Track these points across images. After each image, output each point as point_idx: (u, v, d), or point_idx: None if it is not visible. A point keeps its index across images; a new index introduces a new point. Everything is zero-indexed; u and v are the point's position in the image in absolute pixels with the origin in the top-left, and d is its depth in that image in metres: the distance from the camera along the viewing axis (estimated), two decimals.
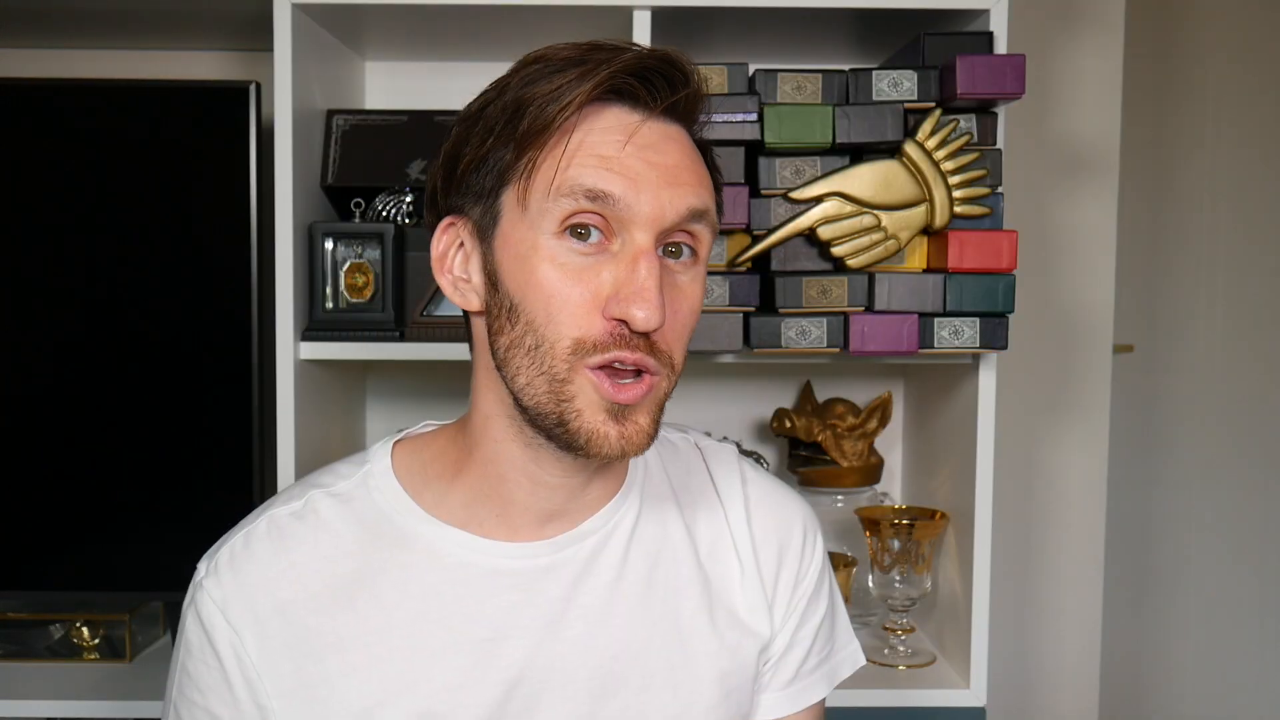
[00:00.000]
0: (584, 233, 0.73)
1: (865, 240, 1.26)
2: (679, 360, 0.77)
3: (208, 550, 0.82)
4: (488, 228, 0.76)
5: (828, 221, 1.25)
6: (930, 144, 1.25)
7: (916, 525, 1.44)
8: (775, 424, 1.60)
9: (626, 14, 1.34)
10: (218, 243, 1.40)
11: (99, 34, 1.57)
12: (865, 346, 1.27)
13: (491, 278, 0.76)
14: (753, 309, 1.30)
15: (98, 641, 1.48)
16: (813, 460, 1.59)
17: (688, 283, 0.77)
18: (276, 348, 1.33)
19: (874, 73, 1.27)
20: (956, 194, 1.25)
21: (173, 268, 1.41)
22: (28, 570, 1.43)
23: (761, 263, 1.29)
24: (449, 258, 0.80)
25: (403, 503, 0.82)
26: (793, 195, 1.26)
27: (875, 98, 1.27)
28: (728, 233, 1.29)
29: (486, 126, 0.75)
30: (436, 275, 0.80)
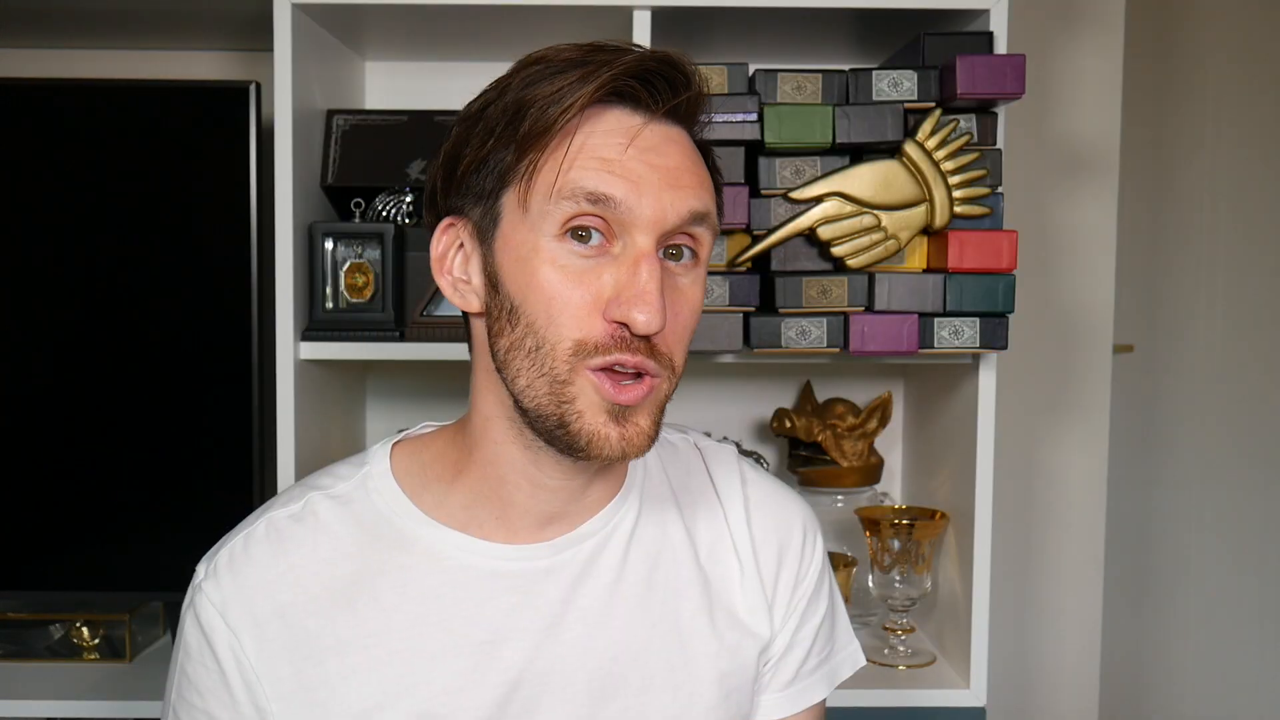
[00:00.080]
0: (585, 235, 0.73)
1: (865, 240, 1.26)
2: (679, 362, 0.77)
3: (207, 552, 0.82)
4: (488, 229, 0.76)
5: (828, 221, 1.25)
6: (930, 144, 1.25)
7: (916, 525, 1.44)
8: (775, 424, 1.60)
9: (626, 14, 1.34)
10: (218, 243, 1.40)
11: (99, 34, 1.57)
12: (865, 346, 1.27)
13: (492, 279, 0.76)
14: (753, 309, 1.30)
15: (98, 641, 1.48)
16: (813, 460, 1.59)
17: (688, 285, 0.77)
18: (276, 348, 1.33)
19: (874, 73, 1.27)
20: (956, 194, 1.25)
21: (173, 268, 1.41)
22: (28, 570, 1.44)
23: (761, 263, 1.29)
24: (448, 258, 0.80)
25: (402, 505, 0.82)
26: (793, 195, 1.26)
27: (875, 98, 1.27)
28: (728, 233, 1.29)
29: (487, 127, 0.75)
30: (436, 276, 0.80)
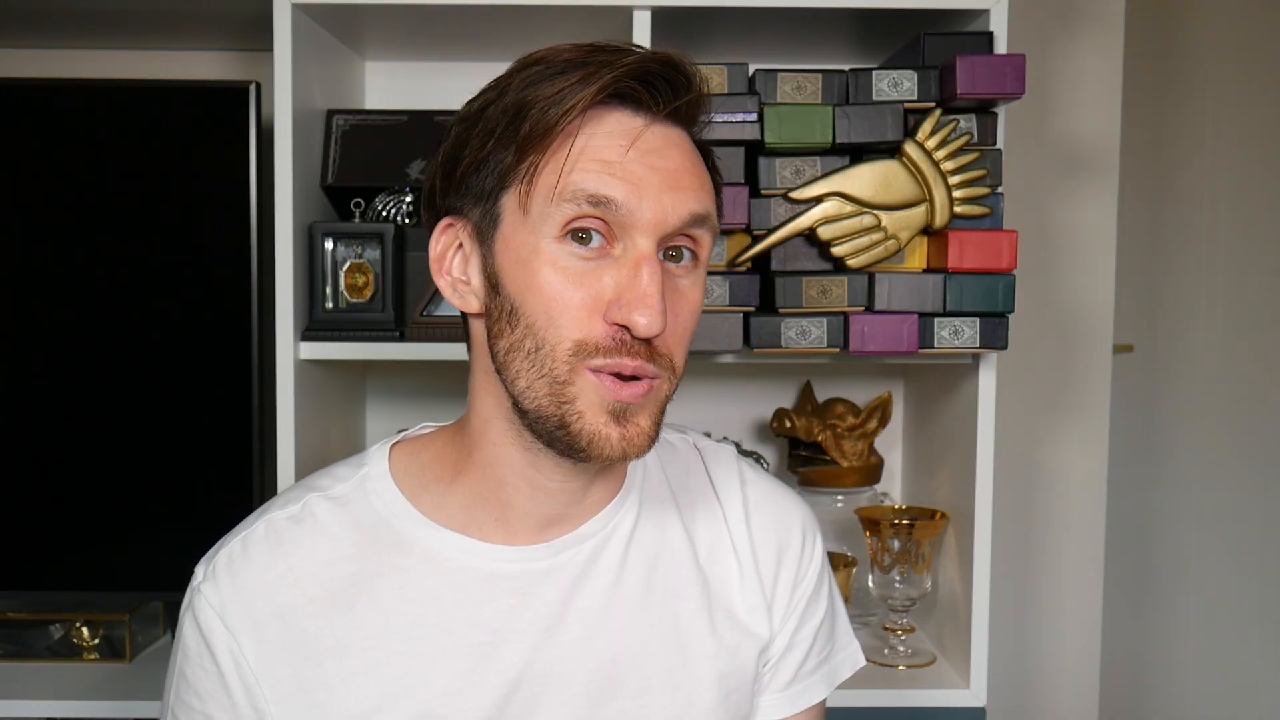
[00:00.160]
0: (585, 237, 0.72)
1: (865, 240, 1.26)
2: (680, 364, 0.77)
3: (205, 554, 0.82)
4: (487, 230, 0.76)
5: (828, 221, 1.25)
6: (930, 144, 1.25)
7: (916, 525, 1.44)
8: (775, 424, 1.60)
9: (626, 14, 1.34)
10: (218, 243, 1.40)
11: (99, 34, 1.57)
12: (865, 346, 1.27)
13: (492, 280, 0.76)
14: (753, 309, 1.30)
15: (98, 641, 1.48)
16: (813, 460, 1.59)
17: (688, 286, 0.77)
18: (276, 348, 1.33)
19: (874, 73, 1.27)
20: (956, 194, 1.25)
21: (173, 268, 1.41)
22: (28, 570, 1.44)
23: (761, 263, 1.29)
24: (447, 259, 0.79)
25: (400, 506, 0.81)
26: (793, 195, 1.26)
27: (875, 98, 1.26)
28: (728, 233, 1.29)
29: (487, 128, 0.75)
30: (435, 277, 0.80)
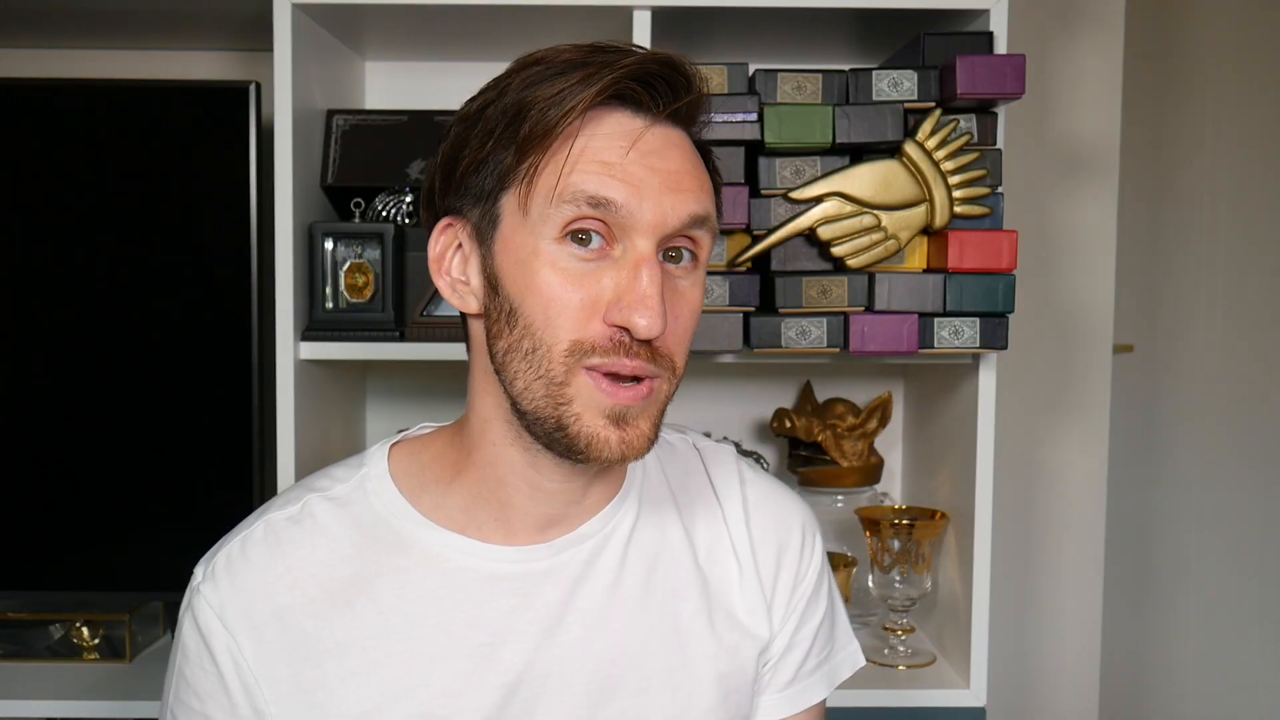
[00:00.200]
0: (585, 238, 0.72)
1: (865, 240, 1.26)
2: (680, 364, 0.77)
3: (204, 554, 0.82)
4: (487, 230, 0.76)
5: (828, 221, 1.25)
6: (930, 144, 1.25)
7: (916, 525, 1.44)
8: (775, 424, 1.60)
9: (626, 14, 1.34)
10: (218, 243, 1.40)
11: (99, 34, 1.57)
12: (865, 346, 1.27)
13: (491, 281, 0.76)
14: (753, 309, 1.30)
15: (98, 641, 1.48)
16: (813, 460, 1.59)
17: (688, 287, 0.77)
18: (276, 348, 1.33)
19: (874, 73, 1.27)
20: (956, 194, 1.25)
21: (173, 268, 1.41)
22: (28, 570, 1.44)
23: (761, 263, 1.29)
24: (447, 259, 0.79)
25: (400, 507, 0.81)
26: (793, 195, 1.26)
27: (875, 98, 1.26)
28: (728, 233, 1.29)
29: (486, 129, 0.75)
30: (434, 276, 0.80)
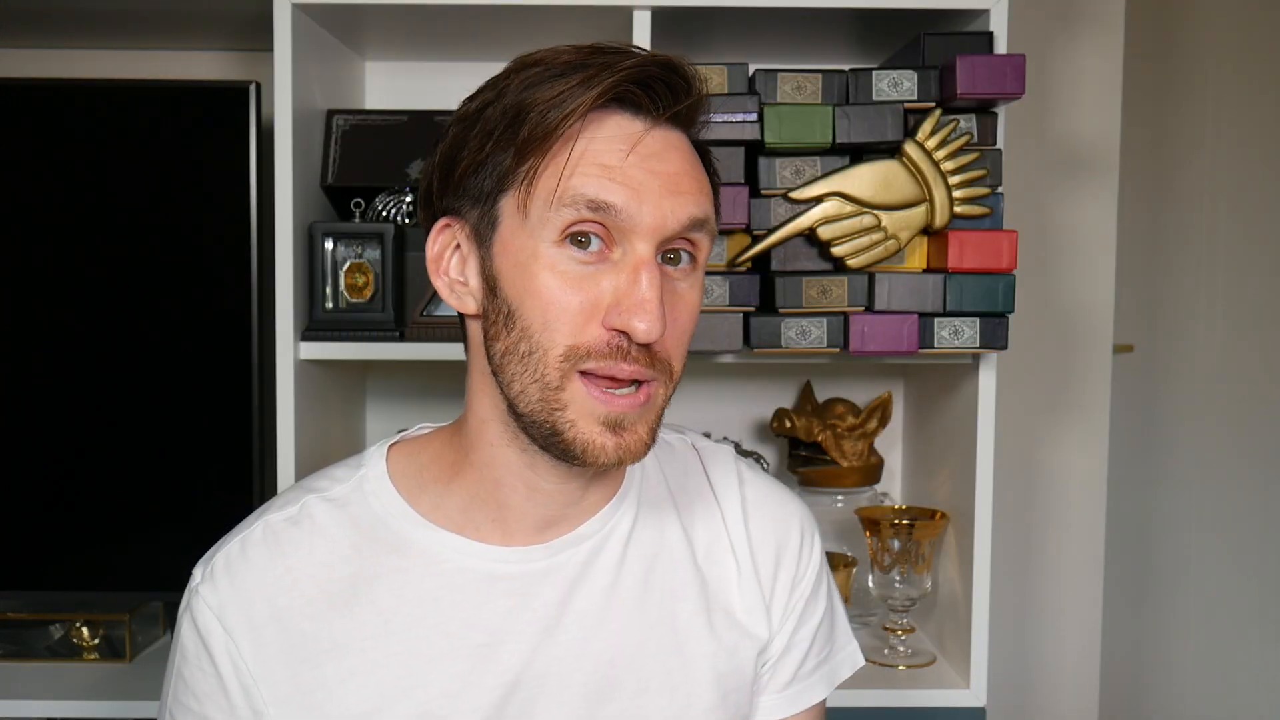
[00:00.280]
0: (584, 241, 0.72)
1: (865, 240, 1.26)
2: (678, 368, 0.77)
3: (203, 555, 0.82)
4: (485, 232, 0.76)
5: (828, 221, 1.25)
6: (930, 144, 1.25)
7: (916, 525, 1.44)
8: (775, 424, 1.60)
9: (626, 14, 1.34)
10: (218, 243, 1.40)
11: (99, 34, 1.57)
12: (865, 346, 1.27)
13: (490, 283, 0.76)
14: (753, 309, 1.30)
15: (98, 641, 1.48)
16: (813, 460, 1.59)
17: (686, 289, 0.77)
18: (276, 348, 1.33)
19: (874, 73, 1.27)
20: (956, 194, 1.25)
21: (173, 268, 1.41)
22: (28, 570, 1.44)
23: (761, 263, 1.29)
24: (444, 259, 0.79)
25: (398, 507, 0.81)
26: (793, 195, 1.26)
27: (875, 98, 1.26)
28: (728, 233, 1.29)
29: (485, 130, 0.74)
30: (432, 277, 0.80)
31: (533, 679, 0.80)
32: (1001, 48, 1.29)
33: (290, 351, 1.33)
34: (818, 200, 1.25)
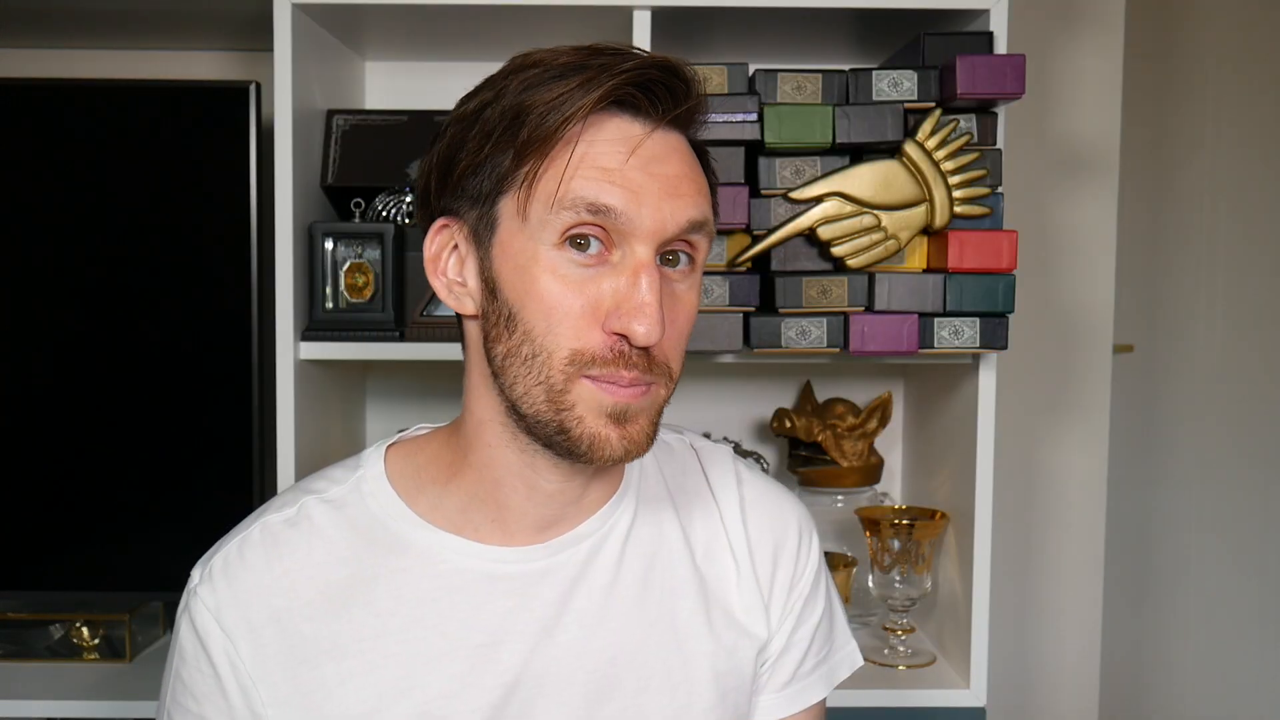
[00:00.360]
0: (584, 243, 0.72)
1: (865, 240, 1.26)
2: (677, 369, 0.77)
3: (201, 556, 0.82)
4: (484, 233, 0.76)
5: (828, 221, 1.25)
6: (930, 144, 1.25)
7: (916, 525, 1.44)
8: (775, 424, 1.60)
9: (626, 14, 1.34)
10: (218, 243, 1.40)
11: (99, 34, 1.57)
12: (865, 346, 1.27)
13: (489, 285, 0.76)
14: (753, 309, 1.30)
15: (98, 641, 1.48)
16: (813, 460, 1.59)
17: (685, 291, 0.77)
18: (276, 348, 1.33)
19: (874, 73, 1.27)
20: (956, 194, 1.25)
21: (173, 268, 1.41)
22: (28, 570, 1.44)
23: (761, 263, 1.29)
24: (442, 260, 0.79)
25: (397, 508, 0.81)
26: (793, 195, 1.26)
27: (875, 98, 1.26)
28: (727, 233, 1.29)
29: (484, 131, 0.74)
30: (430, 277, 0.79)
31: (532, 679, 0.80)
32: (1001, 48, 1.29)
33: (290, 351, 1.33)
34: (818, 200, 1.25)
